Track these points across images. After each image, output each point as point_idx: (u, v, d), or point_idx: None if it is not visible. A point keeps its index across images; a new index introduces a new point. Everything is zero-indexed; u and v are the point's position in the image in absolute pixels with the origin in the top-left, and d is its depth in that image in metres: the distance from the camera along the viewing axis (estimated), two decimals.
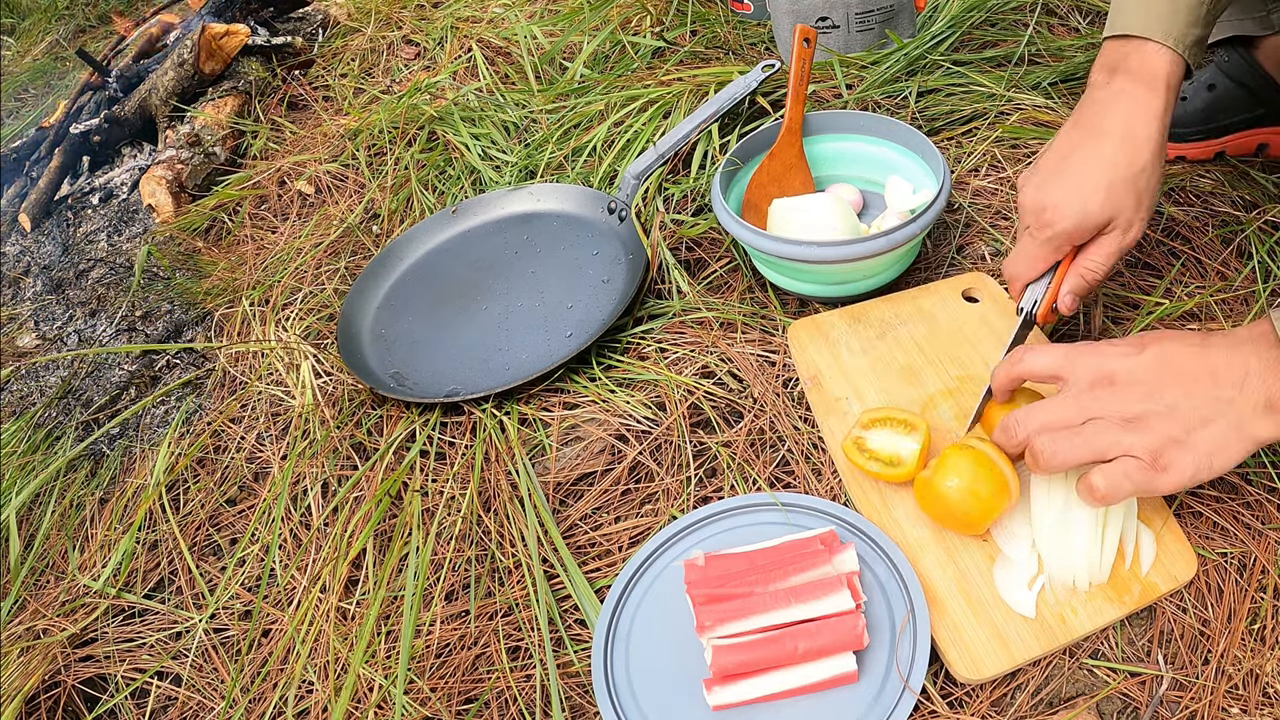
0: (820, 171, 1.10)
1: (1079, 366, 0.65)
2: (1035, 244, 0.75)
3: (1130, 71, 0.73)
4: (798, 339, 0.92)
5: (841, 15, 1.30)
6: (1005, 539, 0.72)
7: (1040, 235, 0.74)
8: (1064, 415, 0.64)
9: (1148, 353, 0.63)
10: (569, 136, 1.30)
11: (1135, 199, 0.72)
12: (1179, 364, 0.62)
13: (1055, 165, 0.74)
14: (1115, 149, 0.71)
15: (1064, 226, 0.72)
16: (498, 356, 1.04)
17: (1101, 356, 0.65)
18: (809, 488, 0.83)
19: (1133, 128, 0.71)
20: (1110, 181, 0.71)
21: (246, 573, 0.90)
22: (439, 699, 0.75)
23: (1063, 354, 0.67)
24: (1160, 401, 0.61)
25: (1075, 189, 0.72)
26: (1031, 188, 0.75)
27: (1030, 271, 0.76)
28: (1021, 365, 0.69)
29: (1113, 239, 0.73)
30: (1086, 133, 0.74)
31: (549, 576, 0.81)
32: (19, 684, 0.85)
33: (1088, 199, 0.71)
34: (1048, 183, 0.74)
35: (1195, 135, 1.04)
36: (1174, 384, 0.61)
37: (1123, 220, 0.72)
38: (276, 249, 1.32)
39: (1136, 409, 0.62)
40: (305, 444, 0.99)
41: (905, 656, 0.67)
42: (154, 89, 1.62)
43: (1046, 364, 0.68)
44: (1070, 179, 0.72)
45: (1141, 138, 0.71)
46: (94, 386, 1.21)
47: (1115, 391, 0.63)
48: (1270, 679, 0.66)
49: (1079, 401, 0.64)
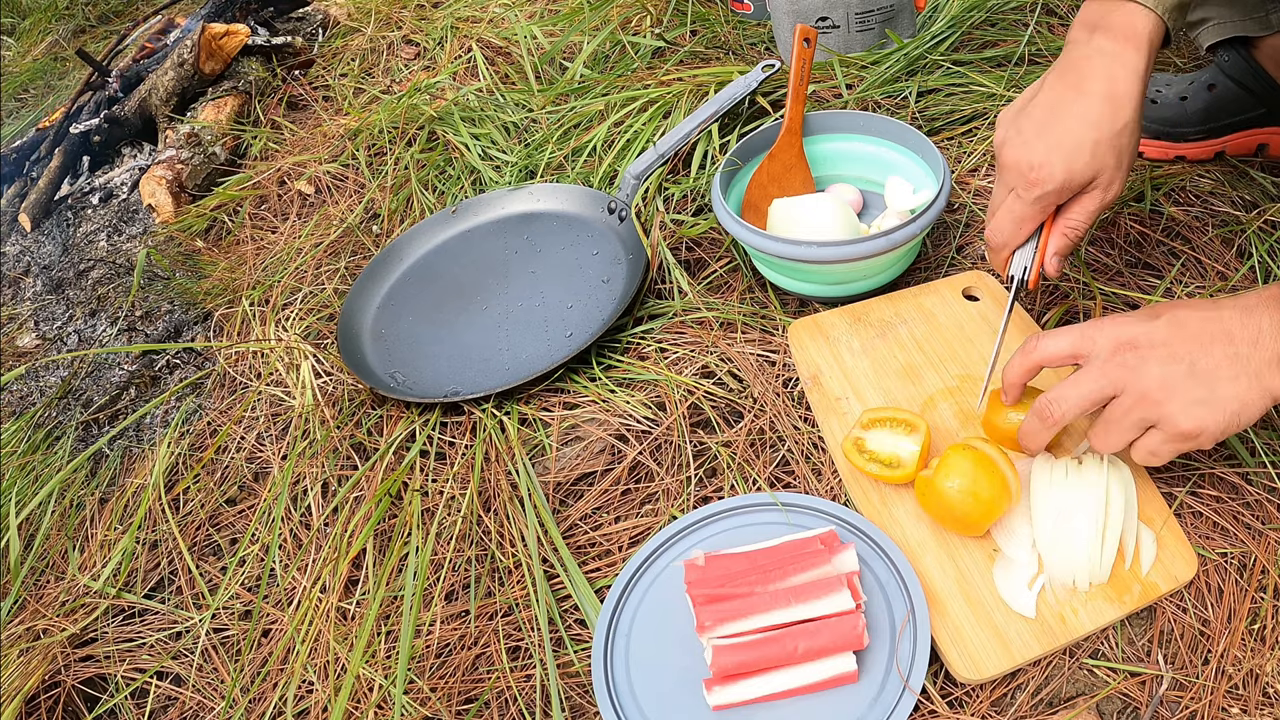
0: (820, 171, 1.10)
1: (1098, 340, 0.66)
2: (1023, 204, 0.75)
3: (1111, 29, 0.73)
4: (798, 339, 0.92)
5: (841, 15, 1.30)
6: (1005, 539, 0.72)
7: (1028, 195, 0.74)
8: (1097, 387, 0.65)
9: (1163, 319, 0.65)
10: (569, 136, 1.30)
11: (1117, 157, 0.72)
12: (1194, 327, 0.64)
13: (1039, 122, 0.74)
14: (1098, 107, 0.71)
15: (1052, 186, 0.73)
16: (498, 356, 1.04)
17: (1118, 326, 0.66)
18: (809, 488, 0.83)
19: (1115, 85, 0.71)
20: (1095, 140, 0.71)
21: (246, 573, 0.90)
22: (439, 699, 0.75)
23: (1078, 333, 0.67)
24: (1182, 362, 0.63)
25: (1061, 148, 0.72)
26: (1015, 146, 0.74)
27: (1020, 234, 0.76)
28: (1037, 353, 0.69)
29: (1094, 197, 0.74)
30: (1068, 89, 0.73)
31: (549, 576, 0.81)
32: (19, 684, 0.85)
33: (1073, 158, 0.72)
34: (1032, 141, 0.73)
35: (1195, 135, 1.04)
36: (1193, 345, 0.63)
37: (1104, 178, 0.73)
38: (276, 249, 1.32)
39: (1159, 371, 0.63)
40: (305, 444, 0.99)
41: (905, 656, 0.67)
42: (154, 89, 1.62)
43: (1063, 346, 0.68)
44: (1055, 137, 0.72)
45: (1123, 95, 0.71)
46: (94, 386, 1.21)
47: (1139, 354, 0.64)
48: (1270, 679, 0.66)
49: (1105, 371, 0.65)
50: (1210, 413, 0.62)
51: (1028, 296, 0.95)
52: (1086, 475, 0.71)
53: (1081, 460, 0.72)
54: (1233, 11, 0.98)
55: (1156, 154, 1.06)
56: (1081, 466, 0.72)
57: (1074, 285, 0.94)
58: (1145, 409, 0.64)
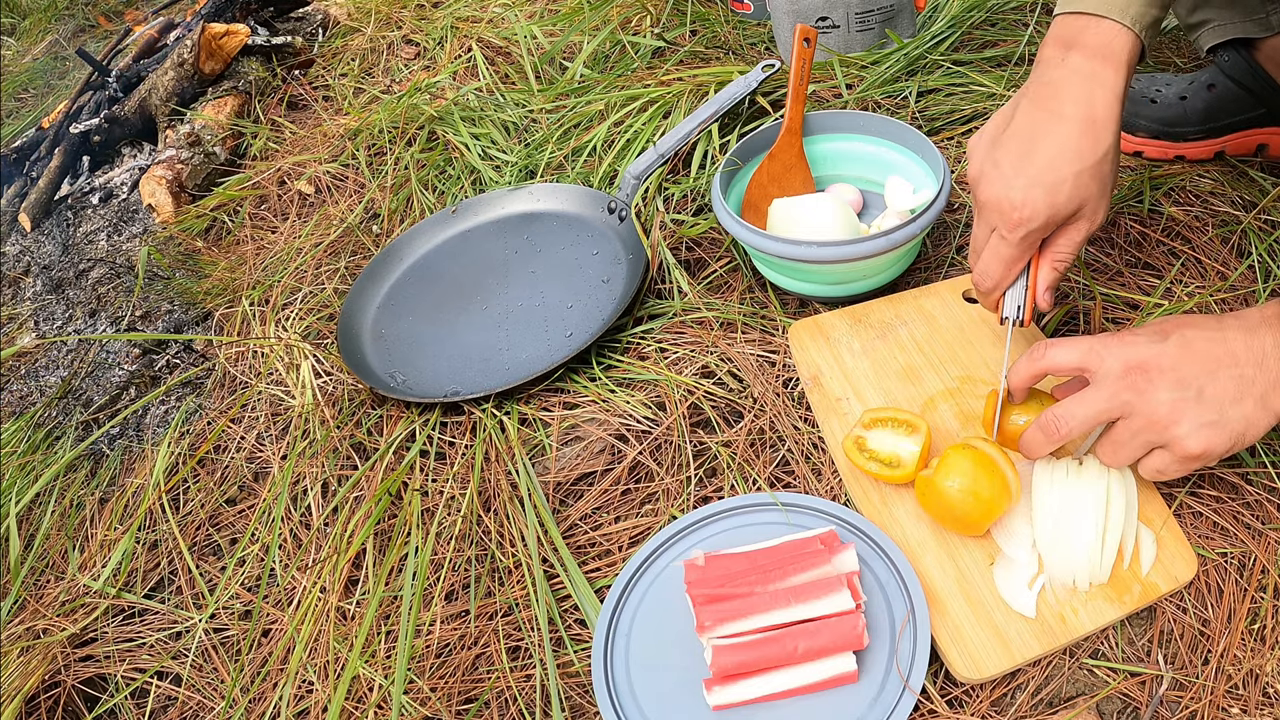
0: (820, 171, 1.10)
1: (1107, 358, 0.66)
2: (1008, 246, 0.72)
3: (1087, 47, 0.70)
4: (798, 339, 0.92)
5: (841, 15, 1.30)
6: (1005, 539, 0.72)
7: (1012, 236, 0.71)
8: (1106, 409, 0.66)
9: (1172, 340, 0.65)
10: (569, 136, 1.30)
11: (1100, 185, 0.70)
12: (1201, 347, 0.64)
13: (1016, 154, 0.70)
14: (1078, 135, 0.69)
15: (1036, 224, 0.70)
16: (498, 356, 1.04)
17: (1129, 346, 0.66)
18: (809, 488, 0.83)
19: (1094, 110, 0.69)
20: (1077, 172, 0.69)
21: (246, 573, 0.90)
22: (439, 699, 0.75)
23: (1087, 347, 0.67)
24: (1190, 387, 0.63)
25: (1041, 183, 0.69)
26: (993, 181, 0.71)
27: (1009, 276, 0.74)
28: (1045, 361, 0.69)
29: (1079, 227, 0.72)
30: (1045, 114, 0.70)
31: (549, 576, 0.81)
32: (19, 684, 0.85)
33: (1055, 192, 0.69)
34: (1010, 176, 0.70)
35: (1195, 135, 1.04)
36: (1200, 368, 0.64)
37: (1089, 208, 0.71)
38: (276, 249, 1.32)
39: (1168, 396, 0.63)
40: (305, 444, 0.99)
41: (905, 656, 0.67)
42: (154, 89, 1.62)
43: (1071, 358, 0.68)
44: (1035, 171, 0.69)
45: (1102, 120, 0.69)
46: (94, 386, 1.21)
47: (1148, 378, 0.64)
48: (1270, 679, 0.66)
49: (1115, 392, 0.65)
50: (1218, 434, 0.63)
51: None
52: (1087, 475, 0.71)
53: (1082, 461, 0.72)
54: (1233, 13, 0.98)
55: (1156, 154, 1.06)
56: (1082, 467, 0.72)
57: (1074, 285, 0.94)
58: (1153, 432, 0.64)
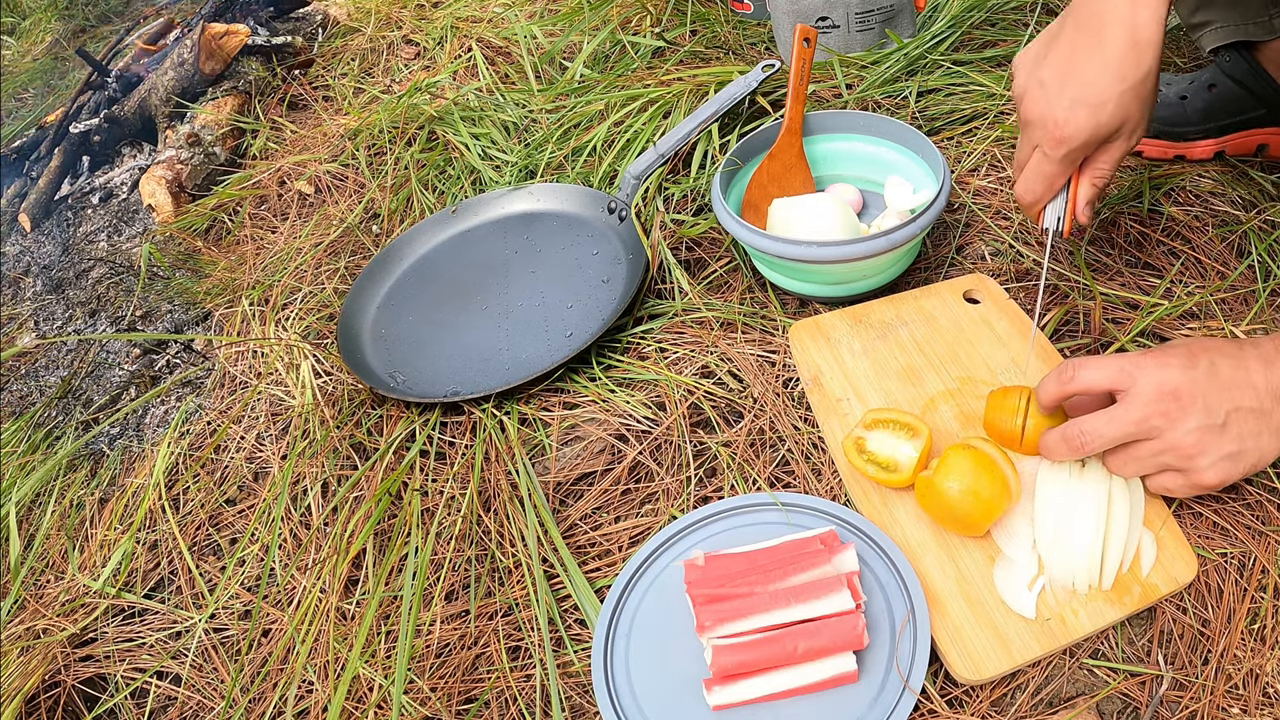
0: (820, 171, 1.10)
1: (1140, 379, 0.67)
2: (1051, 162, 0.73)
3: None
4: (799, 339, 0.92)
5: (841, 15, 1.30)
6: (1006, 539, 0.72)
7: (1055, 153, 0.73)
8: (1135, 431, 0.67)
9: (1201, 367, 0.66)
10: (569, 136, 1.30)
11: (1140, 105, 0.71)
12: (1226, 375, 0.66)
13: (1060, 73, 0.71)
14: (1121, 54, 0.69)
15: (1079, 142, 0.71)
16: (498, 356, 1.04)
17: (1162, 369, 0.67)
18: (809, 488, 0.83)
19: (1136, 30, 0.69)
20: (1120, 92, 0.69)
21: (246, 573, 0.90)
22: (439, 699, 0.75)
23: (1117, 367, 0.68)
24: (1216, 418, 0.65)
25: (1085, 102, 0.70)
26: (1037, 99, 0.72)
27: (1050, 191, 0.76)
28: (1075, 383, 0.70)
29: (1119, 145, 0.73)
30: (1089, 35, 0.70)
31: (549, 576, 0.81)
32: (19, 684, 0.85)
33: (1099, 111, 0.70)
34: (1054, 94, 0.71)
35: (1195, 135, 1.04)
36: (1225, 396, 0.66)
37: (1129, 127, 0.72)
38: (276, 249, 1.32)
39: (1195, 424, 0.65)
40: (305, 444, 0.99)
41: (905, 656, 0.67)
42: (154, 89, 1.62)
43: (1101, 379, 0.69)
44: (1079, 90, 0.70)
45: (1145, 41, 0.69)
46: (94, 386, 1.21)
47: (1180, 405, 0.66)
48: (1270, 679, 0.66)
49: (1146, 416, 0.66)
50: (1235, 466, 0.66)
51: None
52: (1089, 477, 0.71)
53: (1085, 462, 0.72)
54: (1236, 16, 0.98)
55: (1156, 153, 1.06)
56: (1084, 469, 0.72)
57: (1074, 285, 0.94)
58: (1174, 458, 0.67)
